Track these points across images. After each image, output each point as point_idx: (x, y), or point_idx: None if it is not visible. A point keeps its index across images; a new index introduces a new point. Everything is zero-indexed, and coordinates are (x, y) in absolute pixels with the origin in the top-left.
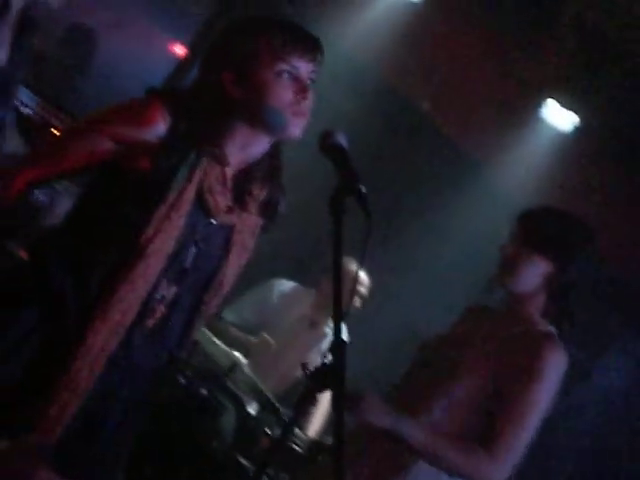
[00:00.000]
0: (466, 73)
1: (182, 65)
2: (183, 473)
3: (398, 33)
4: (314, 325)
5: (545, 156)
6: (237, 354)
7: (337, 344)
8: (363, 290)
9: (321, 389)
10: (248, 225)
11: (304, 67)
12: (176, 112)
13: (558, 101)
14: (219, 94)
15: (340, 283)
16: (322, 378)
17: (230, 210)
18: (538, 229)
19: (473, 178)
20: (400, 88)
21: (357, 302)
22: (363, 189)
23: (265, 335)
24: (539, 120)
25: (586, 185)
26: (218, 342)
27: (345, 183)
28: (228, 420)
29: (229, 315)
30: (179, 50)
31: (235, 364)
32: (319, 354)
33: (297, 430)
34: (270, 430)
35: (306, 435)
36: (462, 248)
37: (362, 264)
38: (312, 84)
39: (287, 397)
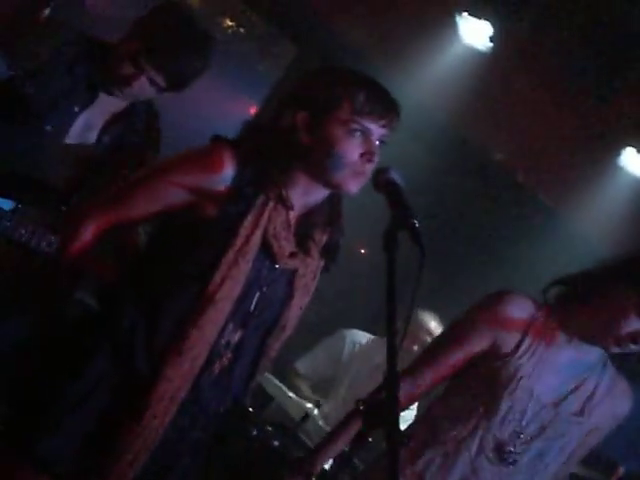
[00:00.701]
0: (541, 122)
1: None
2: None
3: (469, 83)
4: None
5: (623, 203)
6: (309, 405)
7: (391, 379)
8: (428, 339)
9: (376, 425)
10: (310, 269)
11: (377, 131)
12: (242, 158)
13: (636, 148)
14: (288, 137)
15: (394, 319)
16: (376, 414)
17: (293, 255)
18: None
19: (550, 226)
20: (475, 139)
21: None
22: (417, 223)
23: (324, 407)
24: (617, 168)
25: None
26: (291, 394)
27: (399, 218)
28: None
29: (302, 367)
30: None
31: (307, 415)
32: None
33: None
34: None
35: None
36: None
37: (414, 301)
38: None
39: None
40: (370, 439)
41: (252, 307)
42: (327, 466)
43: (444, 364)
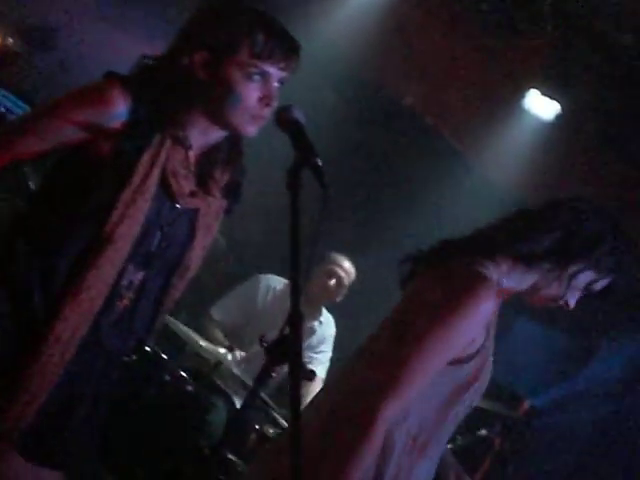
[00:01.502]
0: (448, 66)
1: None
2: (172, 470)
3: (379, 26)
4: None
5: (527, 145)
6: (223, 351)
7: (294, 316)
8: (345, 278)
9: (279, 362)
10: (212, 208)
11: (277, 74)
12: (137, 94)
13: (540, 90)
14: (185, 74)
15: (297, 257)
16: (280, 351)
17: (194, 194)
18: None
19: (457, 168)
20: (383, 81)
21: (340, 293)
22: (319, 162)
23: (236, 353)
24: (522, 110)
25: (567, 172)
26: (204, 340)
27: (302, 157)
28: (216, 417)
29: (216, 312)
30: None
31: (221, 361)
32: (306, 349)
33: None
34: (259, 426)
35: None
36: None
37: (318, 238)
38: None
39: (278, 394)
40: (274, 374)
41: (153, 247)
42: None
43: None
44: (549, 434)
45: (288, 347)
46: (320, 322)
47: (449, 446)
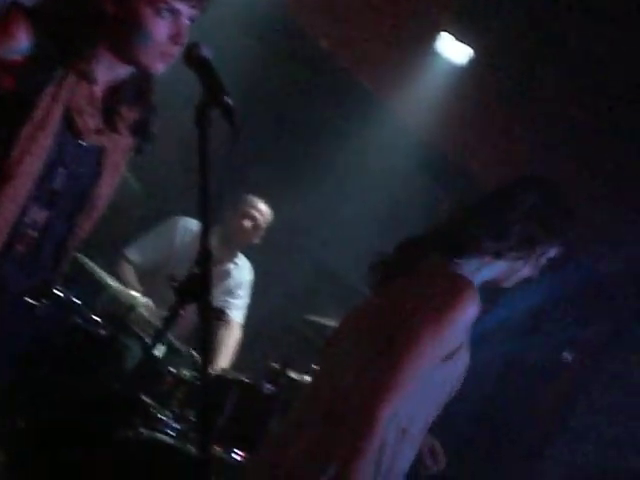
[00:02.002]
0: (362, 7)
1: None
2: (85, 414)
3: None
4: (217, 262)
5: (441, 89)
6: (137, 294)
7: (203, 255)
8: (261, 220)
9: (188, 302)
10: (119, 146)
11: (187, 11)
12: (41, 26)
13: (452, 34)
14: (93, 8)
15: (207, 196)
16: (189, 290)
17: (100, 131)
18: None
19: (372, 112)
20: (298, 23)
21: (256, 235)
22: (229, 100)
23: (150, 301)
24: (434, 54)
25: (480, 118)
26: (119, 285)
27: (210, 94)
28: (131, 361)
29: (132, 254)
30: None
31: (134, 305)
32: (223, 293)
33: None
34: (174, 369)
35: (212, 370)
36: (364, 183)
37: (228, 177)
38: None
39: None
40: (182, 313)
41: (57, 185)
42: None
43: None
44: None
45: (197, 286)
46: (236, 264)
47: None
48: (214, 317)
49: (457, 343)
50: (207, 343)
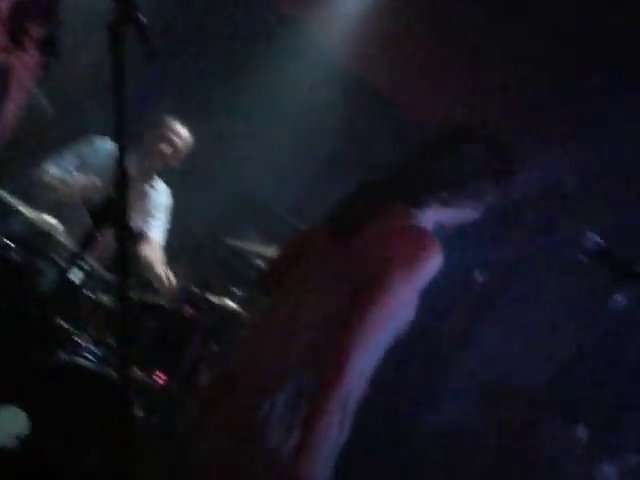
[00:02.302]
0: None
1: None
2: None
3: None
4: (134, 184)
5: (358, 9)
6: (54, 221)
7: (119, 178)
8: (180, 143)
9: (105, 225)
10: (26, 64)
11: None
12: None
13: None
14: None
15: (123, 116)
16: (105, 213)
17: (6, 49)
18: None
19: (289, 35)
20: None
21: (175, 158)
22: (142, 18)
23: (92, 176)
24: None
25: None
26: (31, 209)
27: (121, 11)
28: (46, 286)
29: (52, 167)
30: None
31: (48, 230)
32: (141, 213)
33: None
34: (92, 294)
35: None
36: (282, 106)
37: (146, 99)
38: None
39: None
40: (99, 237)
41: None
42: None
43: None
44: None
45: (113, 210)
46: (154, 187)
47: None
48: (131, 239)
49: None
50: (123, 266)
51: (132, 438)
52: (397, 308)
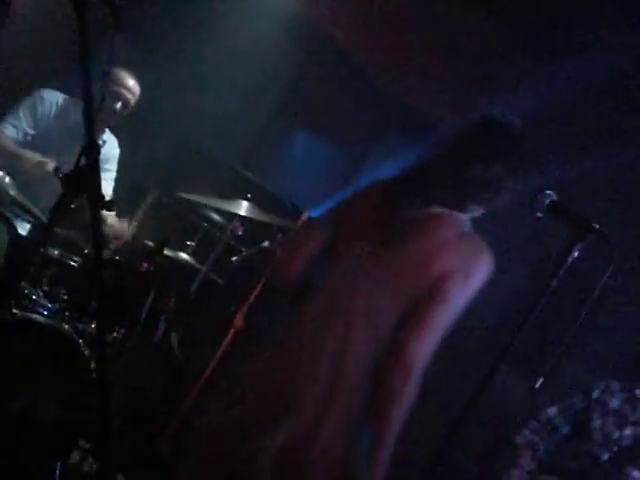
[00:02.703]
0: None
1: None
2: None
3: None
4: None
5: None
6: (0, 173)
7: (89, 146)
8: (131, 99)
9: (77, 193)
10: None
11: None
12: None
13: None
14: None
15: (88, 76)
16: (76, 181)
17: None
18: None
19: None
20: None
21: (125, 113)
22: None
23: (44, 159)
24: None
25: None
26: None
27: None
28: None
29: (7, 128)
30: None
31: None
32: None
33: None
34: (43, 249)
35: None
36: (229, 54)
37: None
38: None
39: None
40: (72, 205)
41: None
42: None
43: None
44: None
45: (85, 178)
46: (104, 141)
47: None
48: (104, 208)
49: None
50: (97, 234)
51: (89, 390)
52: (454, 317)
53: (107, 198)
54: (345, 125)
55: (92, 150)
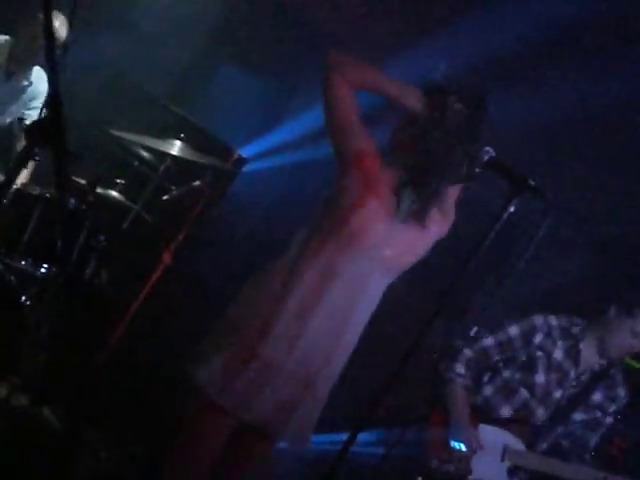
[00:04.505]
0: None
1: None
2: None
3: None
4: (11, 76)
5: None
6: None
7: (53, 97)
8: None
9: (39, 144)
10: None
11: None
12: None
13: None
14: None
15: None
16: (40, 133)
17: None
18: None
19: None
20: None
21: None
22: None
23: None
24: None
25: None
26: None
27: None
28: None
29: None
30: None
31: None
32: (20, 106)
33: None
34: None
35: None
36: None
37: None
38: None
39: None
40: (37, 158)
41: None
42: None
43: None
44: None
45: (49, 129)
46: (30, 82)
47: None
48: (69, 159)
49: None
50: (62, 185)
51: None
52: None
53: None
54: (272, 59)
55: (56, 102)
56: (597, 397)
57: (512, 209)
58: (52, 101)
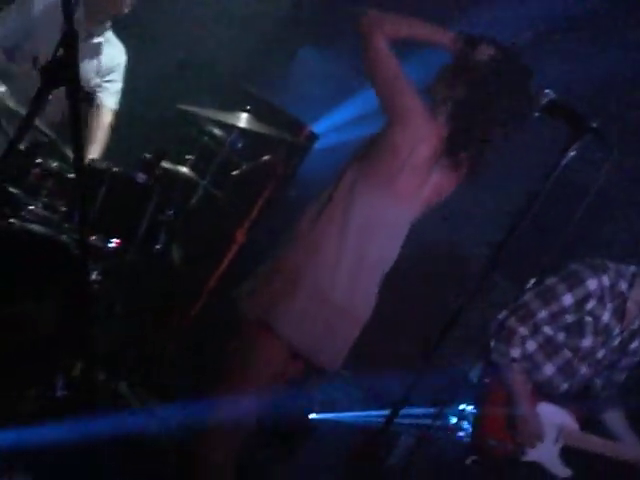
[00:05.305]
0: None
1: None
2: None
3: None
4: (84, 37)
5: None
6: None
7: (68, 36)
8: None
9: (55, 84)
10: None
11: None
12: None
13: None
14: None
15: None
16: (55, 72)
17: None
18: None
19: None
20: None
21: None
22: None
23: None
24: None
25: None
26: None
27: None
28: None
29: None
30: None
31: None
32: (94, 73)
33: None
34: (42, 159)
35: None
36: None
37: None
38: None
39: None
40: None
41: None
42: None
43: None
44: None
45: (64, 68)
46: (108, 40)
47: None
48: (83, 100)
49: None
50: (77, 128)
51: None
52: None
53: (112, 108)
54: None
55: (71, 39)
56: (634, 345)
57: (572, 154)
58: (66, 39)
